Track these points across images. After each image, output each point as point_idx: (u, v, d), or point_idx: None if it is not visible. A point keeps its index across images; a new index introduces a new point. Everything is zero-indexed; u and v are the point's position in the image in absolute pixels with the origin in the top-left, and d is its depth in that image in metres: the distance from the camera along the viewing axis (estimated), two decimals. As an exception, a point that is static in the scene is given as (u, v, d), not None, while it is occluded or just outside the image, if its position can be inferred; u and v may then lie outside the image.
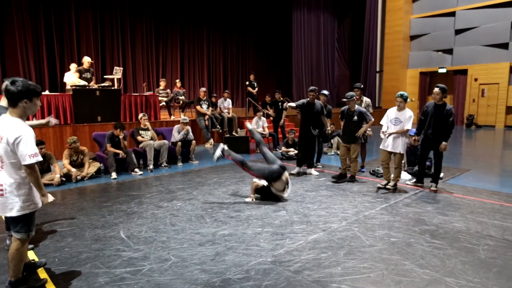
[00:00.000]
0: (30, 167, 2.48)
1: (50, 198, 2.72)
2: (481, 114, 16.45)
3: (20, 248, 2.62)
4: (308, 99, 6.43)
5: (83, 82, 8.37)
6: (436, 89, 5.31)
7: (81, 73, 8.46)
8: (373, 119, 6.11)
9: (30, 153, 2.45)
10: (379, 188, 5.63)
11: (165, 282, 2.82)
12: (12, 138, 2.44)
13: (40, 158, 2.52)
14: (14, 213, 2.54)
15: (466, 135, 13.49)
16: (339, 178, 6.19)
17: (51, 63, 11.58)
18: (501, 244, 3.52)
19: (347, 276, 2.89)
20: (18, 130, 2.46)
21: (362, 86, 6.84)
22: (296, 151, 7.99)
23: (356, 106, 6.07)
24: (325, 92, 7.37)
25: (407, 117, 5.36)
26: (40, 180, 2.58)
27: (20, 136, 2.45)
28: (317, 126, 6.59)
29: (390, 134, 5.47)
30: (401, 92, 5.50)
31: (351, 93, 6.07)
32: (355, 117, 5.95)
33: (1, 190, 2.51)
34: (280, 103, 9.63)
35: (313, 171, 6.68)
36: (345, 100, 5.99)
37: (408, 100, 5.59)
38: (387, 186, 5.55)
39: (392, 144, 5.48)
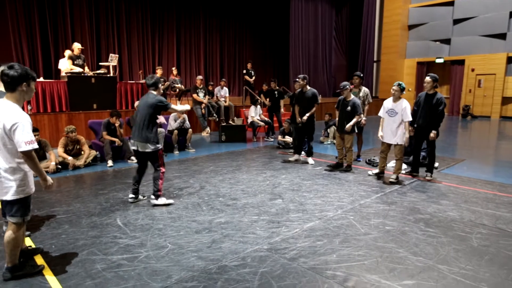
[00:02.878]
0: (26, 154, 2.49)
1: (50, 180, 2.75)
2: (477, 105, 16.49)
3: (16, 232, 2.63)
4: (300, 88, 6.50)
5: (78, 69, 8.26)
6: (427, 78, 5.29)
7: (72, 60, 8.33)
8: (362, 114, 6.03)
9: (26, 140, 2.46)
10: (369, 175, 5.74)
11: (162, 268, 2.84)
12: (9, 125, 2.45)
13: (36, 146, 2.54)
14: (9, 196, 2.56)
15: (461, 126, 13.55)
16: (335, 167, 6.23)
17: (45, 49, 11.38)
18: (494, 232, 3.58)
19: (342, 264, 2.93)
20: (15, 117, 2.47)
21: (362, 75, 6.81)
22: (291, 139, 8.01)
23: (352, 96, 6.01)
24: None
25: (403, 108, 5.21)
26: (38, 165, 2.59)
27: (17, 123, 2.45)
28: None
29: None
30: (399, 82, 5.38)
31: (345, 82, 6.00)
32: (349, 107, 5.90)
33: None
34: (276, 92, 9.61)
35: (310, 159, 6.71)
36: (339, 90, 5.96)
37: (405, 91, 5.50)
38: (390, 179, 5.42)
39: (390, 136, 5.39)
